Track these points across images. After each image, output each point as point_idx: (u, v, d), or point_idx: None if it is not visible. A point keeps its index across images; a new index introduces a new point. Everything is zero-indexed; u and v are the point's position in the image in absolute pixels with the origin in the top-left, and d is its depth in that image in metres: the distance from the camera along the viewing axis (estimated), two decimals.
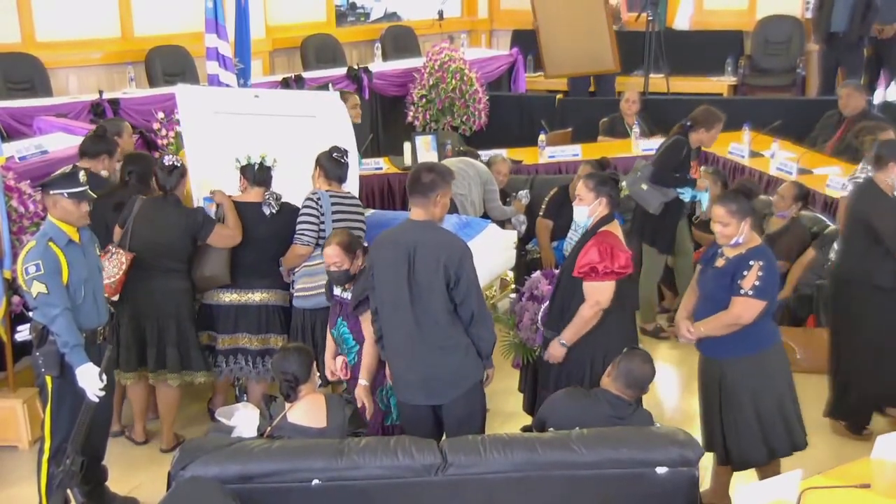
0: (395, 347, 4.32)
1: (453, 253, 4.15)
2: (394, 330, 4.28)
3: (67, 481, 4.18)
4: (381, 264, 4.26)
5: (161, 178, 5.25)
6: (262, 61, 10.03)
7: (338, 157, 5.31)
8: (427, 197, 4.21)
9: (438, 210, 4.25)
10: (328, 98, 6.46)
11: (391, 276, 4.20)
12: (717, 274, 4.44)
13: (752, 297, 4.28)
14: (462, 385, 4.28)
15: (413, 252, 4.15)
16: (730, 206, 4.32)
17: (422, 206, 4.23)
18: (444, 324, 4.19)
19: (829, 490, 3.56)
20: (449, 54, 9.63)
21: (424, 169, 4.32)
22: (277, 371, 4.15)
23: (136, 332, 5.18)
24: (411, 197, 4.26)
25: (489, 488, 3.80)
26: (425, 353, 4.22)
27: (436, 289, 4.14)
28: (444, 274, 4.11)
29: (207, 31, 7.11)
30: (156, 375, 5.25)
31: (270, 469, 3.77)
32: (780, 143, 7.82)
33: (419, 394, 4.31)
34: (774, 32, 11.13)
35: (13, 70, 8.64)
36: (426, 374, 4.25)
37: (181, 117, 6.20)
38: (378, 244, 4.34)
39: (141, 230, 5.17)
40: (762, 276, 4.27)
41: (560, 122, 9.35)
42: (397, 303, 4.21)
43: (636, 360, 4.20)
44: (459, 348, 4.24)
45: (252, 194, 5.31)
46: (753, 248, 4.37)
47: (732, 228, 4.33)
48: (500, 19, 12.88)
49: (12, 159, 5.82)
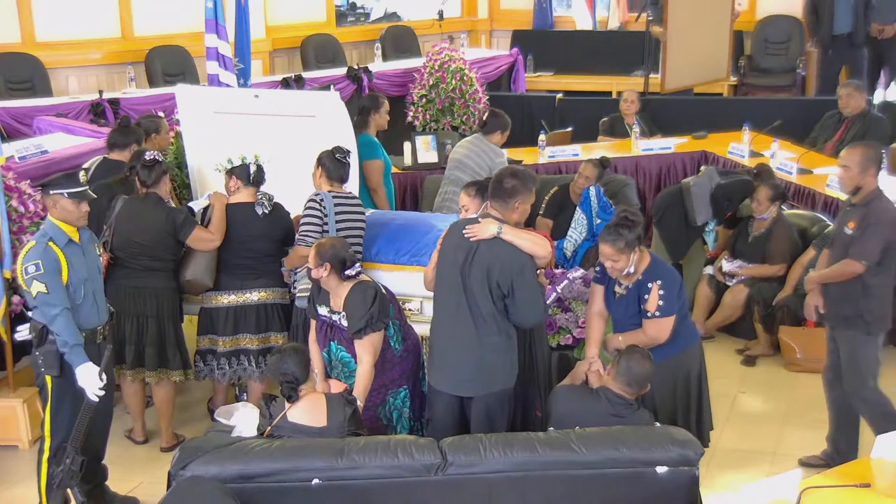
0: (440, 328, 4.38)
1: (513, 261, 4.18)
2: (444, 312, 4.35)
3: (67, 481, 4.19)
4: (449, 247, 4.32)
5: (142, 175, 5.21)
6: (262, 61, 10.03)
7: (340, 157, 5.30)
8: (506, 202, 4.25)
9: (516, 216, 4.29)
10: (328, 98, 6.45)
11: (452, 261, 4.26)
12: (622, 303, 4.54)
13: (660, 317, 4.41)
14: (490, 386, 4.29)
15: (475, 249, 4.21)
16: (617, 245, 4.39)
17: (499, 210, 4.27)
18: (492, 322, 4.23)
19: (829, 490, 3.56)
20: (449, 54, 9.61)
21: (508, 174, 4.34)
22: (276, 373, 4.14)
23: (117, 330, 5.09)
24: (491, 199, 4.30)
25: (489, 488, 3.80)
26: (465, 341, 4.25)
27: (483, 288, 4.19)
28: (497, 278, 4.16)
29: (207, 31, 7.10)
30: (134, 374, 5.24)
31: (270, 468, 3.77)
32: (780, 143, 7.82)
33: (446, 381, 4.35)
34: (774, 32, 11.12)
35: (13, 70, 8.65)
36: (460, 365, 4.29)
37: (181, 117, 6.20)
38: (454, 227, 4.38)
39: (122, 229, 5.16)
40: (663, 295, 4.40)
41: (560, 122, 9.35)
42: (452, 287, 4.27)
43: (636, 357, 4.21)
44: (500, 350, 4.27)
45: (244, 195, 5.31)
46: (647, 270, 4.46)
47: (623, 263, 4.42)
48: (500, 19, 12.87)
49: (12, 159, 5.83)
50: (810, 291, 4.91)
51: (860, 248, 4.61)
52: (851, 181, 4.68)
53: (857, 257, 4.62)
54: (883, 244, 4.61)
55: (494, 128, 6.62)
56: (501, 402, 4.35)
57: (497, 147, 6.68)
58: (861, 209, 4.67)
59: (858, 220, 4.65)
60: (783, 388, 6.00)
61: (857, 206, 4.70)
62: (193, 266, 5.20)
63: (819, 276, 4.90)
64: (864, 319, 4.68)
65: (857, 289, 4.67)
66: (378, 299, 4.47)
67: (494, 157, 6.63)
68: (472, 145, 6.71)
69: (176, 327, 5.30)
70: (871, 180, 4.66)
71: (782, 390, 5.97)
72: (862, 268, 4.61)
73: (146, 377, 5.26)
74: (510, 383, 4.36)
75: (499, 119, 6.67)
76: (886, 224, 4.61)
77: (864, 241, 4.60)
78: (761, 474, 4.82)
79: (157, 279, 5.19)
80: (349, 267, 4.51)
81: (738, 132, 8.24)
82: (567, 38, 12.04)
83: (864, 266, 4.60)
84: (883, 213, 4.64)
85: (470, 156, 6.65)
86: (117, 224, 5.18)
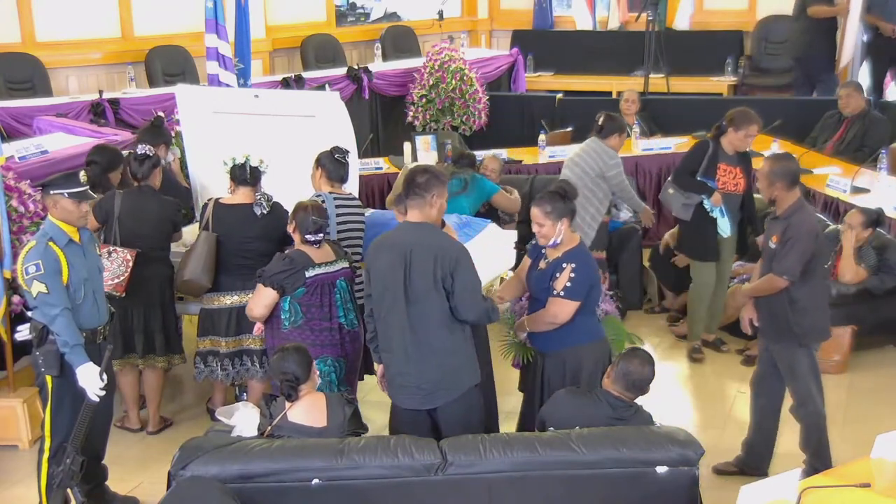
0: (390, 350, 4.29)
1: (448, 255, 4.14)
2: (390, 333, 4.26)
3: (67, 481, 4.19)
4: (378, 267, 4.24)
5: (134, 168, 5.40)
6: (262, 61, 10.04)
7: (339, 157, 5.30)
8: (422, 198, 4.20)
9: (434, 211, 4.25)
10: (328, 98, 6.45)
11: (388, 278, 4.18)
12: (539, 275, 4.56)
13: (564, 297, 4.42)
14: (457, 389, 4.25)
15: (409, 254, 4.14)
16: (544, 208, 4.42)
17: (418, 208, 4.22)
18: (440, 327, 4.18)
19: (829, 489, 3.56)
20: (449, 54, 9.62)
21: (419, 170, 4.31)
22: (277, 372, 4.15)
23: (123, 320, 5.27)
24: (407, 199, 4.25)
25: (489, 488, 3.81)
26: (421, 356, 4.19)
27: (431, 291, 4.13)
28: (440, 276, 4.11)
29: (207, 31, 7.11)
30: (144, 360, 5.40)
31: (270, 468, 3.78)
32: (780, 143, 7.82)
33: (414, 397, 4.28)
34: (774, 32, 11.11)
35: (13, 70, 8.65)
36: (421, 378, 4.22)
37: (181, 117, 6.21)
38: (375, 247, 4.33)
39: (126, 223, 5.31)
40: (573, 278, 4.40)
41: (560, 122, 9.35)
42: (393, 306, 4.19)
43: (635, 361, 4.20)
44: (455, 352, 4.23)
45: (242, 195, 5.31)
46: (569, 251, 4.48)
47: (548, 229, 4.44)
48: (500, 19, 12.88)
49: (12, 159, 5.82)
50: (743, 305, 4.92)
51: (781, 264, 4.60)
52: (766, 194, 4.69)
53: (779, 273, 4.61)
54: (803, 259, 4.59)
55: (611, 131, 6.47)
56: (471, 401, 4.32)
57: (613, 150, 6.52)
58: (783, 222, 4.65)
59: (780, 233, 4.63)
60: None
61: (780, 219, 4.68)
62: (192, 266, 5.20)
63: (748, 290, 4.92)
64: (794, 332, 4.67)
65: (784, 303, 4.65)
66: (292, 272, 4.58)
67: (608, 159, 6.46)
68: (588, 146, 6.57)
69: (175, 313, 5.52)
70: (785, 193, 4.63)
71: None
72: (785, 283, 4.60)
73: (158, 363, 5.44)
74: (476, 379, 4.33)
75: (614, 122, 6.55)
76: (805, 238, 4.59)
77: (785, 256, 4.59)
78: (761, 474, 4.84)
79: (159, 266, 5.39)
80: (311, 233, 4.66)
81: None
82: (567, 38, 12.06)
83: (786, 281, 4.60)
84: (802, 226, 4.62)
85: (583, 156, 6.53)
86: (121, 219, 5.30)
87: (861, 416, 5.59)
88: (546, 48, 11.77)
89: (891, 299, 6.26)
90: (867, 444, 3.81)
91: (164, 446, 5.21)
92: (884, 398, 5.85)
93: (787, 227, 4.62)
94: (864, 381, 6.08)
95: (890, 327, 6.40)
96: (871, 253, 6.18)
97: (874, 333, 6.36)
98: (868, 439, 3.82)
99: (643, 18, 10.47)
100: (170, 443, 5.22)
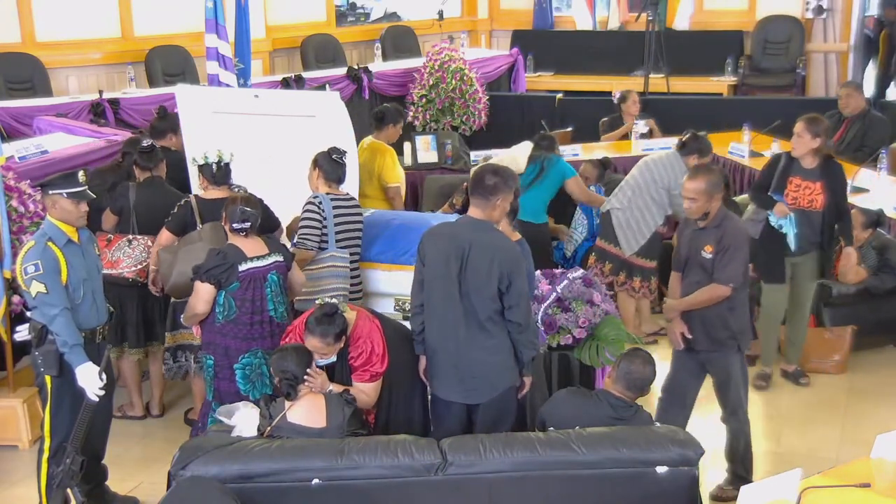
0: (437, 342, 4.30)
1: (508, 256, 4.16)
2: (439, 325, 4.27)
3: (67, 481, 4.19)
4: (435, 257, 4.25)
5: (141, 161, 5.52)
6: (262, 61, 10.04)
7: (337, 158, 5.29)
8: (487, 200, 4.21)
9: (497, 213, 4.27)
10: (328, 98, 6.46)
11: (442, 270, 4.19)
12: None
13: None
14: (499, 387, 4.27)
15: (468, 250, 4.15)
16: None
17: (480, 207, 4.24)
18: (490, 324, 4.19)
19: (829, 489, 3.56)
20: (449, 54, 9.62)
21: (489, 171, 4.30)
22: (277, 370, 4.16)
23: (144, 310, 5.48)
24: (472, 196, 4.26)
25: (489, 488, 3.81)
26: (468, 350, 4.21)
27: (485, 290, 4.14)
28: (496, 277, 4.11)
29: (207, 31, 7.11)
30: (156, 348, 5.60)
31: (270, 468, 3.78)
32: (780, 143, 7.81)
33: (456, 391, 4.30)
34: (774, 32, 11.12)
35: (13, 70, 8.65)
36: (466, 372, 4.24)
37: (181, 117, 6.20)
38: (433, 236, 4.32)
39: (142, 214, 5.44)
40: None
41: (560, 122, 9.35)
42: (446, 298, 4.20)
43: (636, 362, 4.20)
44: (502, 350, 4.24)
45: (217, 191, 5.28)
46: None
47: None
48: (500, 19, 12.89)
49: (12, 159, 5.82)
50: (672, 319, 4.79)
51: (725, 272, 4.57)
52: (700, 210, 4.60)
53: (723, 282, 4.57)
54: (745, 264, 4.61)
55: (693, 150, 6.30)
56: (508, 401, 4.33)
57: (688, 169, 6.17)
58: (714, 231, 4.61)
59: (715, 242, 4.59)
60: (783, 388, 5.99)
61: (709, 228, 4.63)
62: (180, 267, 5.17)
63: (681, 303, 4.74)
64: (736, 339, 4.67)
65: (723, 310, 4.62)
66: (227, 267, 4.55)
67: (680, 177, 5.91)
68: (668, 158, 6.41)
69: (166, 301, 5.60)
70: (716, 203, 4.61)
71: (782, 390, 5.97)
72: (729, 291, 4.57)
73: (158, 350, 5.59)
74: (516, 380, 4.34)
75: (699, 142, 6.35)
76: (743, 243, 4.62)
77: (727, 264, 4.56)
78: (761, 474, 4.83)
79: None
80: (237, 222, 4.64)
81: (738, 132, 8.23)
82: (567, 38, 12.07)
83: (731, 289, 4.58)
84: (738, 233, 4.63)
85: (658, 164, 6.39)
86: (136, 209, 5.44)
87: (861, 416, 5.59)
88: (546, 48, 11.78)
89: (891, 299, 6.27)
90: (867, 444, 3.80)
91: (164, 446, 5.19)
92: (884, 398, 5.84)
93: (723, 236, 4.58)
94: (864, 381, 6.07)
95: (890, 327, 6.41)
96: (871, 253, 6.18)
97: (874, 333, 6.35)
98: (868, 439, 3.81)
99: (643, 18, 10.48)
100: (170, 443, 5.21)
